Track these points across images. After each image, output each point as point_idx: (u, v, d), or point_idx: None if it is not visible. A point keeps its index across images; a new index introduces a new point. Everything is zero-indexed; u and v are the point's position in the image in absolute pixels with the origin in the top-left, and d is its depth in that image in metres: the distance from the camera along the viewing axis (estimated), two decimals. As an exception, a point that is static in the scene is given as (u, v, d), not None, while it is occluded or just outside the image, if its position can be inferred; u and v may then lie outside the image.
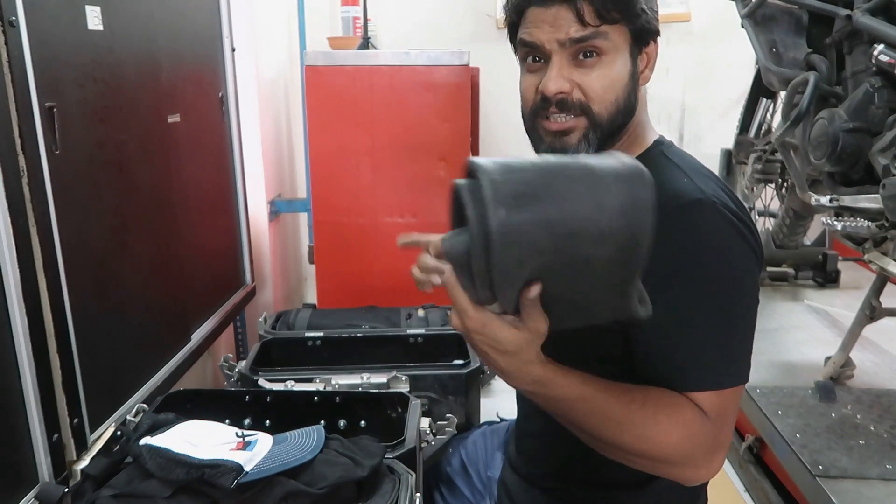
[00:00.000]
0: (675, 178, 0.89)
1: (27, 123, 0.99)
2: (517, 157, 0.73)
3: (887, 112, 1.63)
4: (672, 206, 0.84)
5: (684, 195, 0.86)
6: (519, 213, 0.67)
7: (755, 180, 2.68)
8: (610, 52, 0.91)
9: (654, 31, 0.96)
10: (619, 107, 0.93)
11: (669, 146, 0.99)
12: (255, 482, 0.92)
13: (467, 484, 1.30)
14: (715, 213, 0.85)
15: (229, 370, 1.66)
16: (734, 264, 0.86)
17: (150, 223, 1.42)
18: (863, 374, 1.99)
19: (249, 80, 2.41)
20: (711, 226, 0.85)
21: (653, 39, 0.96)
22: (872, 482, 1.49)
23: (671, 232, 0.83)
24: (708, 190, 0.87)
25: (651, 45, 0.96)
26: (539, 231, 0.68)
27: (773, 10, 2.10)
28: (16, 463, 0.99)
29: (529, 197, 0.68)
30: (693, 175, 0.90)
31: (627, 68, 0.93)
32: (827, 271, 2.83)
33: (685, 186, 0.88)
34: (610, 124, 0.93)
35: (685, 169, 0.91)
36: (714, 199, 0.86)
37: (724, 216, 0.86)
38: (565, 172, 0.71)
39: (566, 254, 0.69)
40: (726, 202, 0.87)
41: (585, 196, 0.69)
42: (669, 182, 0.88)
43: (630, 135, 0.97)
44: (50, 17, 1.07)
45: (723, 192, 0.90)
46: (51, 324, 1.04)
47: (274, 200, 2.74)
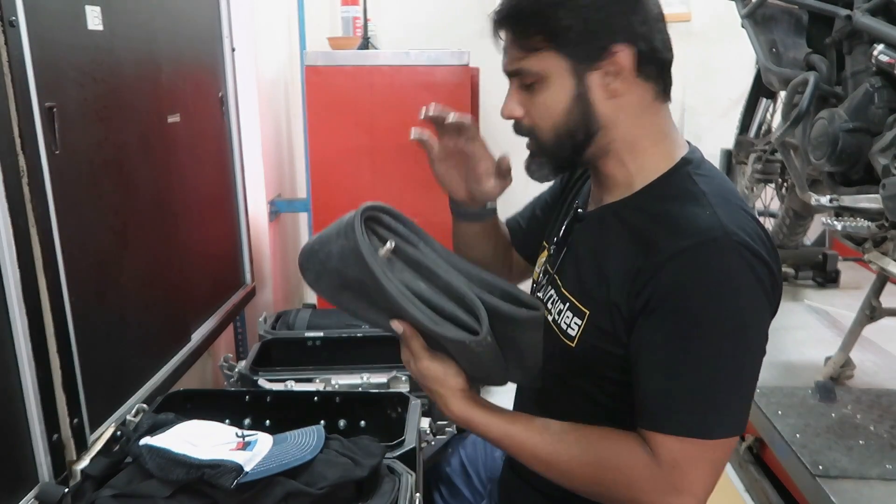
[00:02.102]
0: (696, 214, 0.84)
1: (27, 123, 0.99)
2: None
3: (887, 112, 1.63)
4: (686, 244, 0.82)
5: (702, 232, 0.82)
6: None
7: (755, 180, 2.68)
8: (548, 78, 0.89)
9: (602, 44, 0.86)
10: (564, 131, 0.91)
11: (699, 165, 0.93)
12: (255, 482, 0.92)
13: (467, 484, 1.30)
14: (732, 253, 0.81)
15: (229, 370, 1.65)
16: (740, 312, 0.82)
17: (150, 223, 1.42)
18: (863, 374, 1.99)
19: (249, 80, 2.41)
20: (725, 268, 0.81)
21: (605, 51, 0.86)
22: (872, 482, 1.50)
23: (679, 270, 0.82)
24: (731, 225, 0.82)
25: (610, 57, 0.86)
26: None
27: (773, 10, 2.10)
28: (16, 463, 0.99)
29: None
30: (719, 205, 0.85)
31: (571, 91, 0.88)
32: (827, 271, 2.83)
33: (705, 222, 0.83)
34: (557, 149, 0.93)
35: (710, 197, 0.86)
36: (735, 237, 0.81)
37: (742, 257, 0.81)
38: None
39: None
40: (748, 241, 0.82)
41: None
42: (689, 218, 0.84)
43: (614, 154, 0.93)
44: (50, 17, 1.07)
45: (750, 222, 0.85)
46: (51, 324, 1.04)
47: (274, 200, 2.74)
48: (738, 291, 0.82)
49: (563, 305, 0.98)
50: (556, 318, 1.00)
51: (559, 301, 1.00)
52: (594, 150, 0.93)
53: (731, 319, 0.82)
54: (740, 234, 0.82)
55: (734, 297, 0.82)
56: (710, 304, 0.82)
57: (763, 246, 0.84)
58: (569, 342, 0.96)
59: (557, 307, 1.00)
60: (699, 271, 0.82)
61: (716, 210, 0.84)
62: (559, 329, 0.98)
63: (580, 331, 0.94)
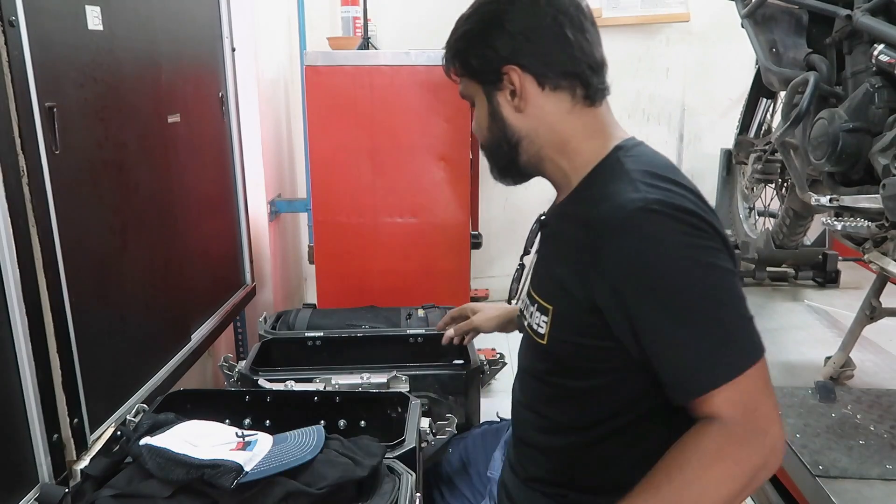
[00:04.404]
0: (619, 191, 0.90)
1: (27, 123, 0.99)
2: None
3: (887, 112, 1.62)
4: (615, 221, 0.87)
5: (624, 207, 0.87)
6: None
7: (755, 180, 2.68)
8: (474, 100, 1.05)
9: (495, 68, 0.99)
10: (493, 143, 1.05)
11: (630, 149, 0.99)
12: (255, 482, 0.92)
13: (467, 484, 1.30)
14: (658, 217, 0.86)
15: (229, 370, 1.65)
16: (693, 263, 0.86)
17: (150, 223, 1.42)
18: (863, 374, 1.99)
19: (249, 80, 2.41)
20: (657, 231, 0.86)
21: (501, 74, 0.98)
22: (872, 482, 1.49)
23: (621, 246, 0.87)
24: (652, 195, 0.87)
25: (506, 78, 0.98)
26: None
27: (773, 10, 2.10)
28: (16, 463, 0.99)
29: None
30: (641, 181, 0.90)
31: (487, 110, 1.02)
32: (827, 271, 2.83)
33: (626, 197, 0.88)
34: (495, 158, 1.07)
35: (634, 175, 0.92)
36: (656, 204, 0.86)
37: (670, 217, 0.86)
38: None
39: None
40: (671, 201, 0.87)
41: None
42: (612, 195, 0.91)
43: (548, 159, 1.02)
44: (50, 17, 1.07)
45: (679, 191, 0.90)
46: (51, 324, 1.04)
47: (274, 200, 2.74)
48: (681, 243, 0.86)
49: (533, 307, 1.04)
50: (529, 322, 1.05)
51: (531, 304, 1.05)
52: (528, 157, 1.03)
53: (693, 267, 0.86)
54: (662, 199, 0.87)
55: (682, 249, 0.86)
56: (666, 265, 0.86)
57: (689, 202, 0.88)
58: (540, 340, 1.01)
59: (530, 310, 1.05)
60: (637, 242, 0.87)
61: (637, 185, 0.90)
62: (532, 330, 1.04)
63: (548, 327, 1.00)
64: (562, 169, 1.02)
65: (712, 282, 0.86)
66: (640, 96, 3.40)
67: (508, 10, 0.97)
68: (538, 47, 0.97)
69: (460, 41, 1.02)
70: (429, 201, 2.43)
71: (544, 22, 0.96)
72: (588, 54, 0.99)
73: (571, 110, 1.00)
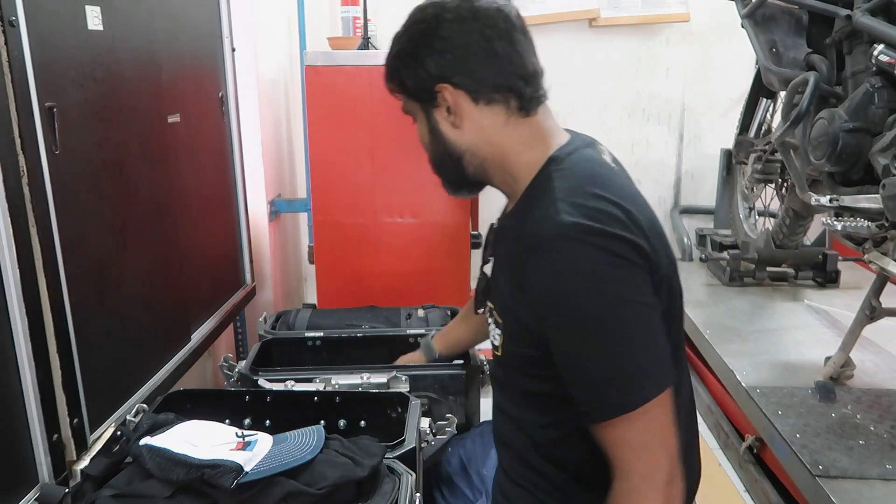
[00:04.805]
0: (542, 213, 0.92)
1: (27, 123, 0.99)
2: None
3: (887, 112, 1.62)
4: (534, 244, 0.89)
5: (542, 231, 0.89)
6: None
7: (755, 180, 2.68)
8: (414, 116, 1.06)
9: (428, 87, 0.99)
10: (437, 158, 1.06)
11: (562, 161, 0.99)
12: (255, 482, 0.92)
13: (467, 483, 1.31)
14: (573, 245, 0.87)
15: (229, 370, 1.65)
16: (601, 295, 0.87)
17: (150, 223, 1.42)
18: (863, 374, 1.99)
19: (249, 80, 2.41)
20: (570, 260, 0.87)
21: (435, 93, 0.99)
22: (872, 482, 1.49)
23: (537, 270, 0.89)
24: (571, 219, 0.87)
25: (439, 96, 0.99)
26: None
27: (773, 10, 2.10)
28: (16, 463, 0.99)
29: None
30: (564, 200, 0.90)
31: (427, 125, 1.04)
32: (827, 271, 2.83)
33: (547, 221, 0.89)
34: (441, 172, 1.08)
35: (559, 194, 0.92)
36: (574, 229, 0.86)
37: (586, 244, 0.86)
38: None
39: None
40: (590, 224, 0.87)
41: None
42: (536, 217, 0.92)
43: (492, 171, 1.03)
44: (50, 17, 1.07)
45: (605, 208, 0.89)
46: (51, 324, 1.04)
47: (274, 200, 2.74)
48: (594, 273, 0.87)
49: (491, 319, 1.06)
50: (490, 334, 1.08)
51: (489, 317, 1.07)
52: (473, 170, 1.04)
53: (601, 299, 0.87)
54: (581, 222, 0.87)
55: (593, 280, 0.87)
56: (573, 294, 0.87)
57: (613, 221, 0.88)
58: (496, 352, 1.05)
59: (489, 322, 1.08)
60: (551, 268, 0.88)
61: (559, 206, 0.90)
62: (492, 343, 1.07)
63: (502, 339, 1.02)
64: (504, 180, 1.03)
65: (618, 316, 0.87)
66: (640, 96, 3.40)
67: (437, 28, 0.97)
68: (468, 64, 0.97)
69: (394, 60, 1.03)
70: (429, 201, 2.42)
71: (472, 38, 0.96)
72: (519, 66, 0.98)
73: (507, 122, 1.00)
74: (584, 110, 3.39)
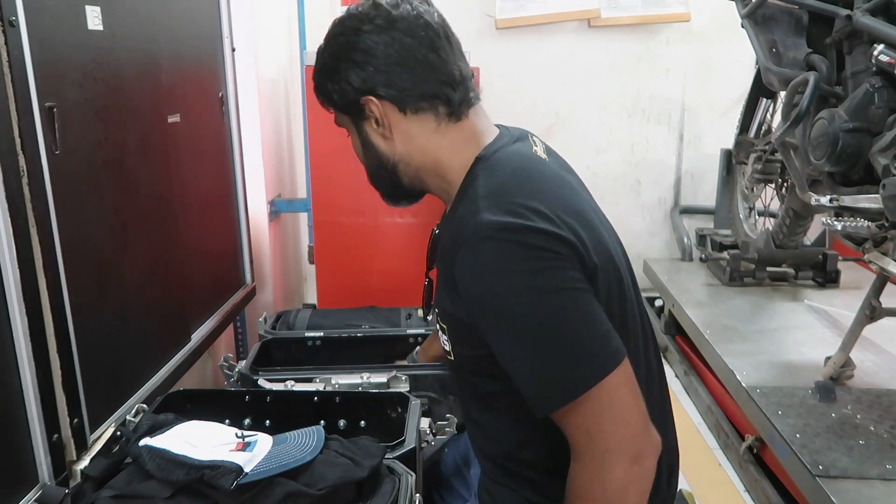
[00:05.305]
0: (463, 214, 0.92)
1: (27, 123, 0.99)
2: None
3: (887, 112, 1.62)
4: (456, 246, 0.89)
5: (462, 233, 0.89)
6: None
7: (755, 180, 2.68)
8: (347, 129, 1.07)
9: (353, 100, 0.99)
10: (372, 170, 1.07)
11: (487, 160, 0.98)
12: (255, 483, 0.92)
13: (463, 484, 1.30)
14: (491, 244, 0.86)
15: (229, 370, 1.65)
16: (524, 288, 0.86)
17: (150, 223, 1.41)
18: (863, 374, 1.99)
19: (249, 80, 2.41)
20: (489, 259, 0.87)
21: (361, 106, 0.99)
22: (872, 482, 1.49)
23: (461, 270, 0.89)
24: (491, 217, 0.87)
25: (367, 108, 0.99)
26: None
27: (773, 10, 2.10)
28: (16, 463, 0.99)
29: None
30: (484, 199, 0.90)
31: (358, 138, 1.05)
32: (827, 271, 2.83)
33: (467, 222, 0.89)
34: (377, 182, 1.09)
35: (480, 192, 0.92)
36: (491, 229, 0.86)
37: (504, 242, 0.86)
38: None
39: None
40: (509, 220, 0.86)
41: None
42: (459, 218, 0.93)
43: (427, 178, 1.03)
44: (50, 17, 1.07)
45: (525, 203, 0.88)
46: (51, 324, 1.04)
47: (274, 200, 2.74)
48: (516, 270, 0.86)
49: (438, 325, 1.06)
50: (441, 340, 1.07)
51: (438, 322, 1.07)
52: (409, 179, 1.05)
53: (525, 293, 0.86)
54: (501, 219, 0.87)
55: (516, 276, 0.86)
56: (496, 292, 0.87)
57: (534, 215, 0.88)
58: (449, 356, 1.05)
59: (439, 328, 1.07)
60: (472, 268, 0.88)
61: (479, 204, 0.90)
62: (445, 349, 1.06)
63: (450, 345, 1.03)
64: (440, 186, 1.04)
65: (546, 307, 0.86)
66: (640, 96, 3.40)
67: (356, 40, 0.96)
68: (390, 75, 0.96)
69: (319, 76, 1.03)
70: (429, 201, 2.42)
71: (392, 49, 0.96)
72: (444, 72, 0.98)
73: (437, 129, 0.99)
74: (584, 110, 3.39)
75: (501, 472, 1.07)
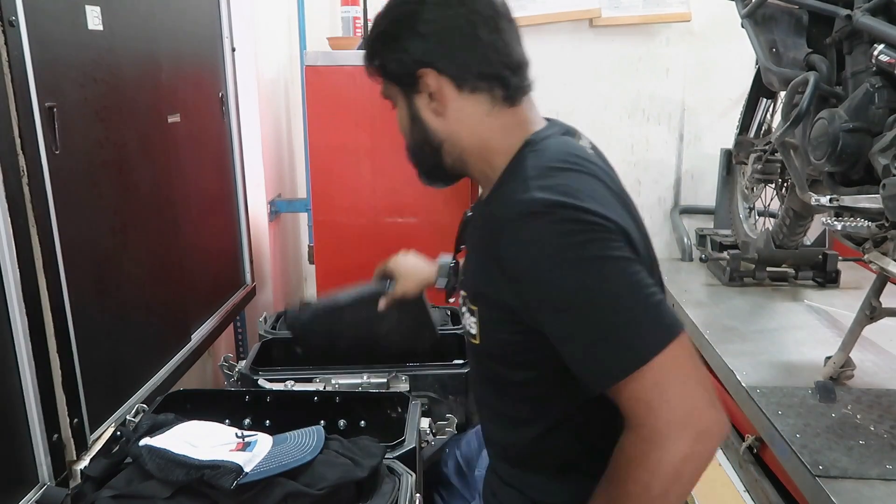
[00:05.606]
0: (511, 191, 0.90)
1: (27, 123, 0.99)
2: None
3: (887, 112, 1.62)
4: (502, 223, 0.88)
5: (510, 209, 0.87)
6: None
7: (755, 180, 2.68)
8: (394, 101, 1.04)
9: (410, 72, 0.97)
10: (415, 146, 1.04)
11: (537, 143, 0.97)
12: (255, 483, 0.92)
13: (465, 484, 1.31)
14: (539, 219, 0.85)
15: (229, 370, 1.65)
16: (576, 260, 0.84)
17: (151, 223, 1.41)
18: (863, 374, 1.99)
19: (249, 80, 2.41)
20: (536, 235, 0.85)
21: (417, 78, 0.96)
22: (872, 482, 1.49)
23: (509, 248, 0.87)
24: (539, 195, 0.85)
25: (423, 82, 0.96)
26: None
27: (773, 10, 2.10)
28: (16, 463, 0.99)
29: None
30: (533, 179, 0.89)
31: (408, 113, 1.02)
32: (827, 271, 2.82)
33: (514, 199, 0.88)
34: (419, 160, 1.07)
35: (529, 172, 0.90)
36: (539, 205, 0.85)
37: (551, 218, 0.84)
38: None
39: None
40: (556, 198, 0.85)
41: None
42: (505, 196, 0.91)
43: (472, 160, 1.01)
44: (50, 17, 1.07)
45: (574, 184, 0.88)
46: (51, 324, 1.04)
47: (274, 200, 2.74)
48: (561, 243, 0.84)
49: (465, 309, 1.04)
50: (465, 324, 1.05)
51: (464, 306, 1.05)
52: (451, 160, 1.02)
53: (576, 264, 0.84)
54: (550, 196, 0.85)
55: (562, 249, 0.84)
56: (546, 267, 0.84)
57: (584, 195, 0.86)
58: (474, 341, 1.02)
59: (463, 312, 1.05)
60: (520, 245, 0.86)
61: (529, 184, 0.88)
62: (468, 332, 1.04)
63: (478, 328, 1.00)
64: (482, 170, 1.01)
65: (599, 275, 0.83)
66: (640, 96, 3.40)
67: (420, 10, 0.95)
68: (451, 49, 0.95)
69: (376, 43, 1.01)
70: (429, 201, 2.42)
71: (457, 23, 0.94)
72: (504, 55, 0.97)
73: (490, 111, 0.98)
74: (584, 110, 3.39)
75: (513, 471, 1.06)
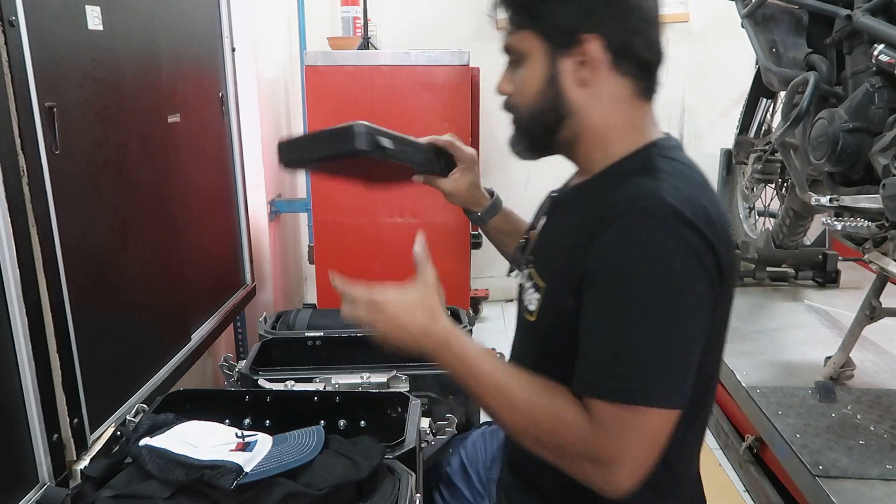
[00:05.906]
0: (640, 182, 0.86)
1: (27, 123, 0.99)
2: None
3: (887, 112, 1.63)
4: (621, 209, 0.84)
5: (640, 199, 0.83)
6: None
7: (755, 180, 2.68)
8: (527, 56, 0.93)
9: (572, 32, 0.88)
10: (537, 111, 0.94)
11: (667, 150, 0.93)
12: (255, 483, 0.92)
13: (467, 485, 1.30)
14: (665, 222, 0.81)
15: (229, 370, 1.65)
16: (669, 279, 0.80)
17: (150, 223, 1.41)
18: (863, 374, 1.99)
19: (249, 80, 2.41)
20: (655, 236, 0.81)
21: (577, 41, 0.88)
22: (872, 482, 1.49)
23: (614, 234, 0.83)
24: (673, 198, 0.82)
25: (580, 46, 0.88)
26: None
27: (773, 10, 2.10)
28: (16, 463, 0.99)
29: None
30: (668, 180, 0.85)
31: (544, 73, 0.91)
32: (827, 271, 2.83)
33: (646, 191, 0.84)
34: (531, 127, 0.96)
35: (666, 176, 0.86)
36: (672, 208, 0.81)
37: (673, 228, 0.81)
38: None
39: None
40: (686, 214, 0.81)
41: None
42: (633, 186, 0.86)
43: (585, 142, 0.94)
44: (50, 17, 1.07)
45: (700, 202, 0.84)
46: (51, 324, 1.04)
47: (274, 200, 2.74)
48: (667, 259, 0.81)
49: (528, 283, 1.00)
50: (524, 300, 1.01)
51: (527, 282, 1.01)
52: (566, 134, 0.94)
53: (660, 285, 0.80)
54: (679, 207, 0.82)
55: (663, 264, 0.81)
56: (639, 269, 0.81)
57: (706, 224, 0.83)
58: (530, 317, 0.97)
59: (526, 288, 1.01)
60: (630, 237, 0.82)
61: (661, 183, 0.85)
62: (523, 307, 1.00)
63: (539, 304, 0.95)
64: (593, 154, 0.95)
65: (664, 308, 0.80)
66: (640, 96, 3.41)
67: None
68: (627, 22, 0.88)
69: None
70: (429, 201, 2.43)
71: (636, 2, 0.89)
72: (657, 45, 0.92)
73: (627, 99, 0.93)
74: (584, 110, 3.39)
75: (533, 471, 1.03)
